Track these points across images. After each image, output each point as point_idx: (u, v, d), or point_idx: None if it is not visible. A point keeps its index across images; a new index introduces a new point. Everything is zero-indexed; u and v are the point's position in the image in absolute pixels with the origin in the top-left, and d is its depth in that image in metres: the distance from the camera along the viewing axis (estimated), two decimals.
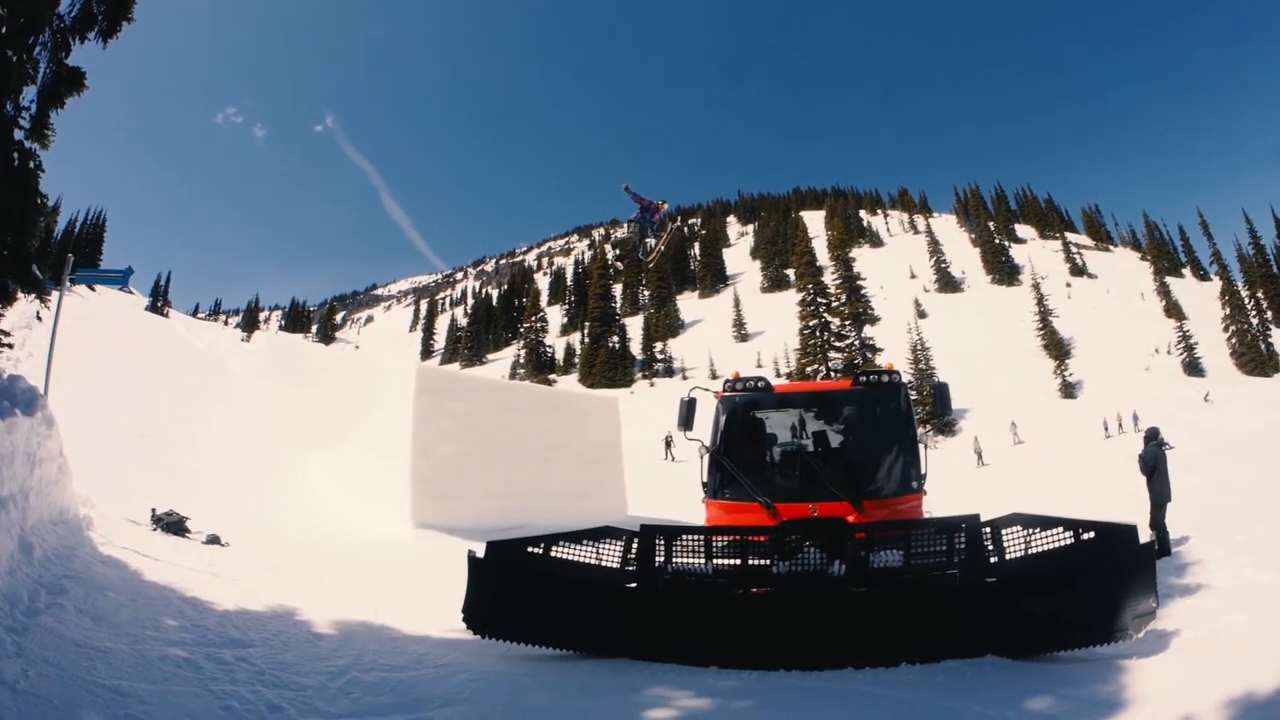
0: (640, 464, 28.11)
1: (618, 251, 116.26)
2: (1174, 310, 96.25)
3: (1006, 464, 44.47)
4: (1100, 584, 8.03)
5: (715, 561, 8.54)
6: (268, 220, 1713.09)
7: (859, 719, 6.61)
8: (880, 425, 10.79)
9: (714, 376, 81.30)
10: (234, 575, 11.11)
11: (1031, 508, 9.65)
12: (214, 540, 13.49)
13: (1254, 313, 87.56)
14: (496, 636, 8.47)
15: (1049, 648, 8.05)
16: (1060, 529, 8.13)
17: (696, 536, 8.69)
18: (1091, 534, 8.05)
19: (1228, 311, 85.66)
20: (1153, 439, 15.38)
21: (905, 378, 43.76)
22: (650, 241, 16.98)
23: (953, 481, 36.56)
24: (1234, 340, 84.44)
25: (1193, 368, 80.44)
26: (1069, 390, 73.39)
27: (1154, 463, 14.84)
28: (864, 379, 10.89)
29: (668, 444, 49.20)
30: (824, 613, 8.04)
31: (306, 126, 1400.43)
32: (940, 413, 12.07)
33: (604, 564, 8.81)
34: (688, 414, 11.00)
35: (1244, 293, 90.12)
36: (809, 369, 61.59)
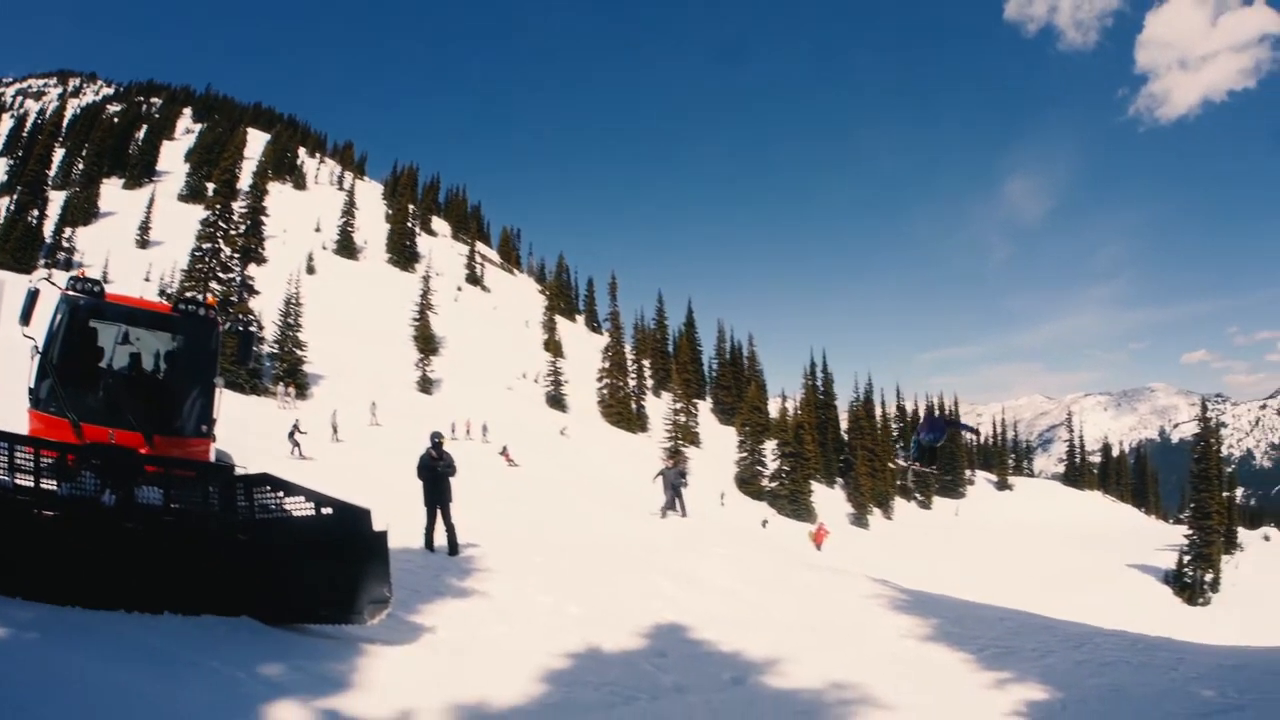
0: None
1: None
2: (554, 346, 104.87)
3: (361, 443, 44.88)
4: (335, 563, 8.64)
5: (18, 479, 7.84)
6: None
7: (115, 662, 6.72)
8: (187, 360, 10.72)
9: (107, 281, 75.97)
10: None
11: (362, 490, 10.56)
12: None
13: (634, 375, 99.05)
14: None
15: (289, 619, 8.89)
16: (303, 498, 8.40)
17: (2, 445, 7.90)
18: (330, 510, 8.40)
19: (607, 365, 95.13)
20: (435, 445, 16.22)
21: (266, 327, 43.10)
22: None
23: (310, 448, 38.20)
24: (605, 391, 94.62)
25: (556, 401, 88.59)
26: (427, 385, 77.35)
27: (424, 472, 15.92)
28: (182, 307, 10.52)
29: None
30: (103, 547, 7.96)
31: None
32: (241, 359, 12.03)
33: None
34: (28, 307, 9.71)
35: (630, 356, 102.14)
36: (188, 294, 58.85)
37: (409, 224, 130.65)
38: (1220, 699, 8.42)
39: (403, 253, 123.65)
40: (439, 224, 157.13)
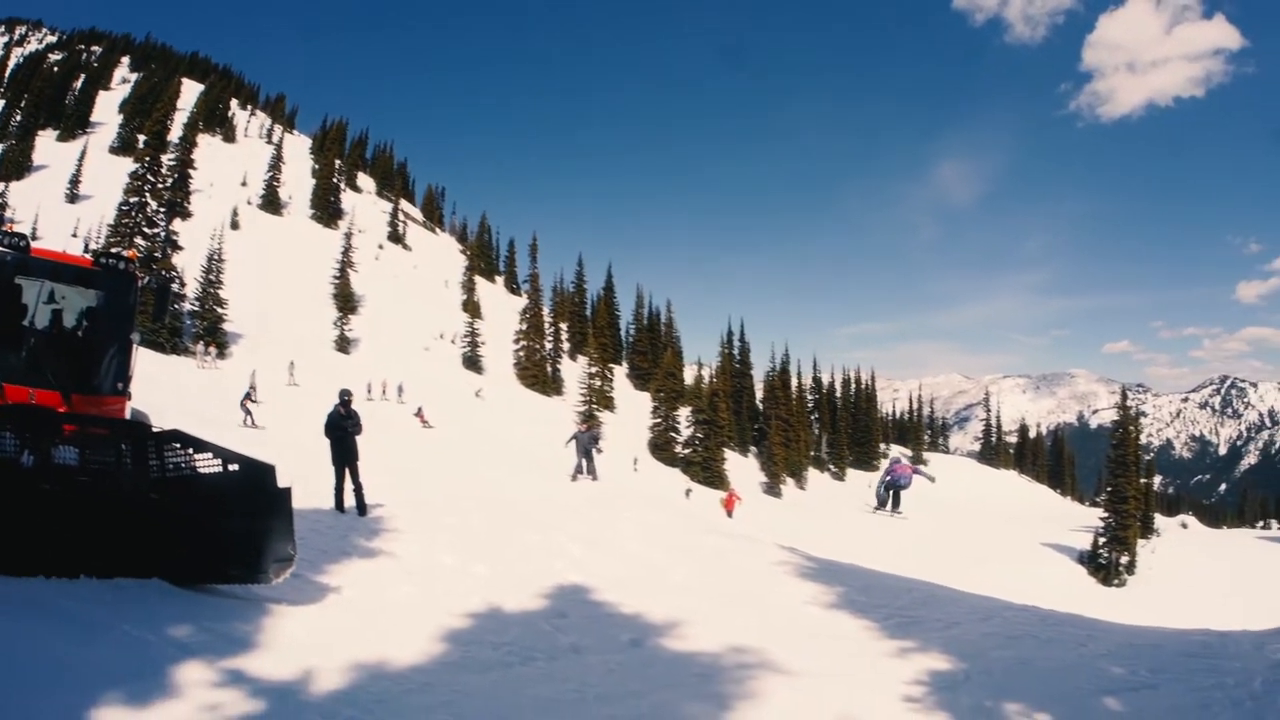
0: None
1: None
2: (472, 307, 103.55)
3: (280, 403, 44.70)
4: (241, 520, 8.59)
5: None
6: None
7: (29, 626, 6.73)
8: (106, 316, 10.39)
9: (35, 237, 73.56)
10: None
11: (271, 448, 10.29)
12: None
13: (551, 338, 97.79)
14: None
15: (198, 579, 8.85)
16: (210, 454, 8.27)
17: None
18: (237, 466, 8.31)
19: (525, 327, 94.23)
20: (344, 402, 16.07)
21: (189, 284, 41.90)
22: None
23: (226, 409, 37.70)
24: (522, 353, 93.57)
25: (472, 363, 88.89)
26: (345, 345, 77.67)
27: (331, 430, 15.91)
28: (104, 261, 10.25)
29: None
30: (22, 511, 7.77)
31: None
32: (157, 314, 11.07)
33: None
34: None
35: (548, 318, 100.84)
36: (114, 250, 56.99)
37: (335, 180, 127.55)
38: (1131, 676, 8.56)
39: (327, 209, 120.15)
40: (364, 180, 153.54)
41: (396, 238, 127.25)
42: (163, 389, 32.40)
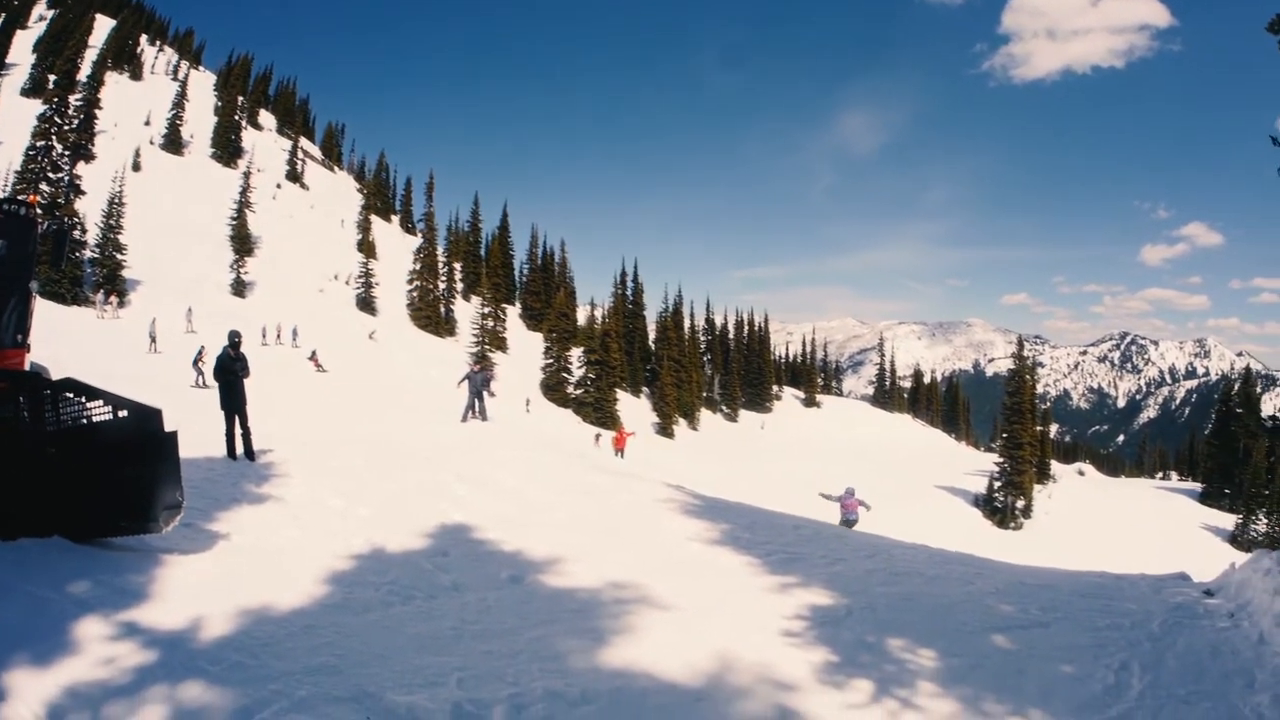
0: None
1: None
2: (367, 247, 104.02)
3: (178, 351, 42.05)
4: (131, 469, 8.44)
5: None
6: None
7: None
8: (7, 264, 9.48)
9: None
10: None
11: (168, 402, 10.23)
12: None
13: (445, 278, 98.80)
14: None
15: (94, 534, 8.67)
16: (101, 402, 8.07)
17: None
18: (126, 412, 8.12)
19: (419, 267, 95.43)
20: (233, 345, 15.51)
21: (89, 230, 40.56)
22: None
23: (127, 360, 36.71)
24: (416, 294, 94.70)
25: (366, 304, 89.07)
26: (241, 288, 76.38)
27: (220, 374, 15.37)
28: (6, 207, 9.44)
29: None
30: None
31: None
32: (54, 261, 10.39)
33: None
34: None
35: (442, 258, 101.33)
36: (20, 197, 54.77)
37: (236, 117, 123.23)
38: (1021, 615, 8.75)
39: (227, 148, 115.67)
40: (266, 117, 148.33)
41: (294, 176, 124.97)
42: (69, 342, 31.79)
